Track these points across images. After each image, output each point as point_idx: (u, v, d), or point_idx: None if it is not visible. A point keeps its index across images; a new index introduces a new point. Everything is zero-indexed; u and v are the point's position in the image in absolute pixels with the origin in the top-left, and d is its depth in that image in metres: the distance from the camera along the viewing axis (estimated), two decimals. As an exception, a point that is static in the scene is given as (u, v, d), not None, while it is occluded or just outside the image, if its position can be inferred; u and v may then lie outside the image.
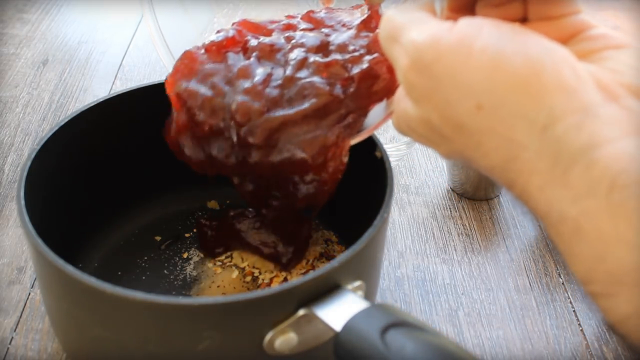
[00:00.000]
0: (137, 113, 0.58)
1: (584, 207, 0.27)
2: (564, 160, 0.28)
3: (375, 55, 0.43)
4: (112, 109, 0.56)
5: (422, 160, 0.77)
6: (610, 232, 0.26)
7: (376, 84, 0.43)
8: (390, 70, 0.42)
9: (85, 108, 0.54)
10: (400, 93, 0.35)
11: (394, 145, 0.68)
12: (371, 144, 0.52)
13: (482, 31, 0.30)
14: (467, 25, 0.30)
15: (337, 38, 0.46)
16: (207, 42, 0.47)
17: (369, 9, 0.46)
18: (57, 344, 0.53)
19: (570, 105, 0.28)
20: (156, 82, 0.58)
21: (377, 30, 0.45)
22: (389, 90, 0.43)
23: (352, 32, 0.46)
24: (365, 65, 0.42)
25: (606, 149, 0.27)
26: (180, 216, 0.64)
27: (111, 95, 0.56)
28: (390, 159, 0.51)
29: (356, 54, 0.43)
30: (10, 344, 0.53)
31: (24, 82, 0.86)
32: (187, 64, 0.47)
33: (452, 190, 0.72)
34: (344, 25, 0.47)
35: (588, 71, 0.29)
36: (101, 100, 0.55)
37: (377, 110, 0.45)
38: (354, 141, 0.46)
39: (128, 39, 0.97)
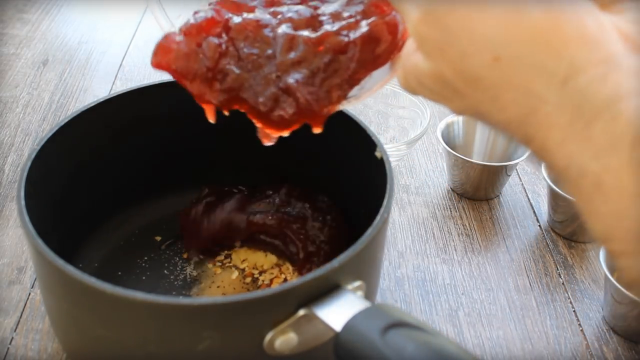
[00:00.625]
0: (137, 113, 0.58)
1: (605, 162, 0.26)
2: (586, 113, 0.27)
3: (374, 18, 0.42)
4: (112, 109, 0.56)
5: (422, 160, 0.77)
6: (632, 188, 0.26)
7: (378, 47, 0.42)
8: (392, 31, 0.41)
9: (85, 108, 0.54)
10: (409, 47, 0.34)
11: (394, 145, 0.68)
12: (371, 144, 0.52)
13: None
14: None
15: (328, 7, 0.44)
16: (184, 25, 0.45)
17: None
18: (57, 344, 0.53)
19: (593, 56, 0.27)
20: (156, 82, 0.58)
21: None
22: (391, 52, 0.42)
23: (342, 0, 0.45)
24: (365, 29, 0.41)
25: (630, 102, 0.26)
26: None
27: (111, 95, 0.56)
28: (390, 159, 0.51)
29: (352, 20, 0.42)
30: (10, 344, 0.53)
31: (24, 82, 0.86)
32: (160, 58, 0.46)
33: (452, 190, 0.72)
34: None
35: (611, 22, 0.28)
36: (101, 100, 0.55)
37: (379, 71, 0.44)
38: (353, 103, 0.44)
39: (128, 39, 0.97)
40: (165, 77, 0.58)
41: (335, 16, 0.43)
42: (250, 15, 0.44)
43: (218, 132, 0.62)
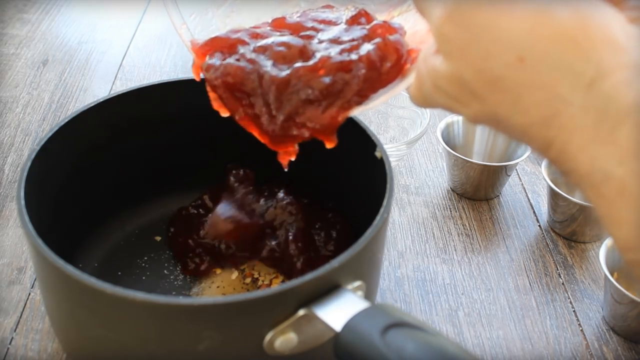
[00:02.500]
0: (137, 113, 0.58)
1: (630, 167, 0.26)
2: (612, 117, 0.26)
3: (377, 40, 0.42)
4: (112, 109, 0.56)
5: (422, 160, 0.77)
6: None
7: (384, 65, 0.42)
8: (396, 50, 0.41)
9: (85, 108, 0.54)
10: (426, 51, 0.33)
11: (394, 145, 0.68)
12: (371, 144, 0.52)
13: None
14: None
15: (325, 34, 0.44)
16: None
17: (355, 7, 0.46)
18: (57, 344, 0.53)
19: (619, 60, 0.26)
20: (156, 82, 0.58)
21: (375, 21, 0.45)
22: (398, 71, 0.42)
23: (342, 26, 0.44)
24: (368, 48, 0.42)
25: None
26: (180, 216, 0.63)
27: (111, 95, 0.56)
28: (390, 159, 0.51)
29: (354, 42, 0.43)
30: (10, 344, 0.53)
31: (24, 82, 0.86)
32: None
33: (452, 190, 0.72)
34: (329, 22, 0.46)
35: (637, 33, 0.28)
36: (101, 100, 0.55)
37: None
38: (360, 109, 0.44)
39: (128, 39, 0.97)
40: (165, 76, 0.58)
41: (335, 41, 0.43)
42: (231, 60, 0.44)
43: (218, 132, 0.62)
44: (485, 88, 0.30)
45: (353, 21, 0.45)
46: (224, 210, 0.57)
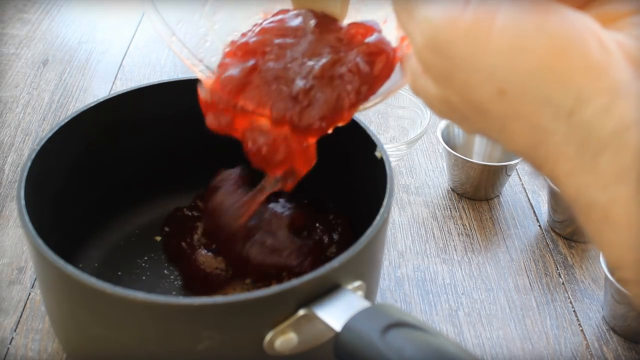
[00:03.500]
0: (137, 113, 0.58)
1: (613, 194, 0.26)
2: (593, 145, 0.26)
3: (361, 46, 0.41)
4: (112, 109, 0.56)
5: (422, 160, 0.77)
6: None
7: (375, 68, 0.41)
8: (381, 50, 0.41)
9: (85, 108, 0.54)
10: (417, 69, 0.33)
11: (394, 145, 0.68)
12: (371, 144, 0.52)
13: (500, 9, 0.28)
14: (484, 0, 0.28)
15: (298, 49, 0.42)
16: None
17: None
18: (57, 344, 0.53)
19: (598, 85, 0.26)
20: (156, 82, 0.58)
21: (345, 23, 0.43)
22: (391, 65, 0.41)
23: (311, 37, 0.43)
24: (353, 62, 0.41)
25: (637, 132, 0.25)
26: (180, 216, 0.63)
27: (111, 95, 0.56)
28: (390, 159, 0.51)
29: (335, 56, 0.41)
30: (10, 344, 0.53)
31: (24, 82, 0.86)
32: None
33: (452, 190, 0.72)
34: (295, 32, 0.43)
35: (616, 41, 0.27)
36: (101, 100, 0.55)
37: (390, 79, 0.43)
38: (364, 107, 0.43)
39: (128, 39, 0.97)
40: (165, 76, 0.58)
41: (312, 54, 0.42)
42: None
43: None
44: (473, 114, 0.30)
45: (321, 27, 0.43)
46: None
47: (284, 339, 0.41)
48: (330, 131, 0.43)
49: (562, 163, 0.28)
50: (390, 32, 0.42)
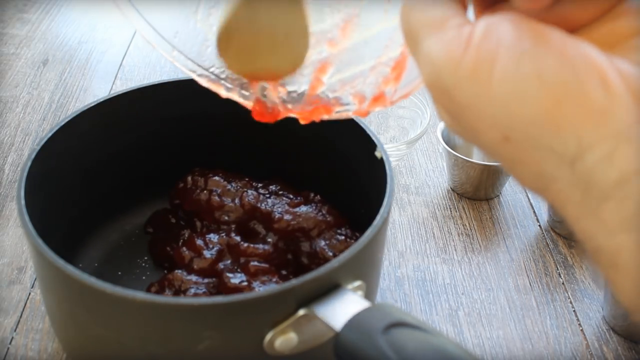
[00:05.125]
0: (137, 113, 0.58)
1: (619, 242, 0.26)
2: (597, 193, 0.26)
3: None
4: (112, 109, 0.56)
5: (422, 160, 0.77)
6: None
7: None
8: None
9: (85, 108, 0.54)
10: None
11: (394, 145, 0.68)
12: (371, 144, 0.52)
13: (500, 52, 0.27)
14: (485, 38, 0.27)
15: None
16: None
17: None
18: (57, 344, 0.53)
19: (599, 132, 0.25)
20: (156, 82, 0.58)
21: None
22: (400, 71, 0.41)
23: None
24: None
25: (638, 182, 0.25)
26: (180, 216, 0.63)
27: (111, 95, 0.56)
28: (390, 159, 0.51)
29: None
30: (10, 344, 0.53)
31: (24, 82, 0.86)
32: None
33: (452, 190, 0.72)
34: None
35: (620, 74, 0.26)
36: (101, 100, 0.55)
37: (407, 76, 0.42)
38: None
39: (128, 39, 0.97)
40: (165, 76, 0.58)
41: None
42: None
43: (218, 131, 0.62)
44: (485, 150, 0.30)
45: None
46: None
47: (284, 339, 0.41)
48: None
49: (568, 208, 0.28)
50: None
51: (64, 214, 0.54)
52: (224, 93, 0.43)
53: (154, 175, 0.61)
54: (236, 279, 0.51)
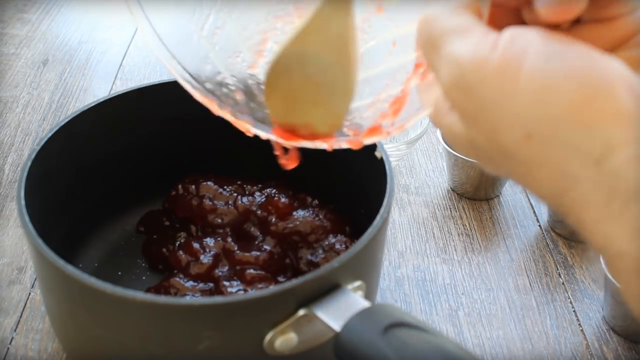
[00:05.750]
0: (137, 113, 0.58)
1: None
2: (621, 194, 0.26)
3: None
4: (112, 109, 0.56)
5: (422, 160, 0.77)
6: None
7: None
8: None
9: (85, 108, 0.54)
10: (442, 106, 0.32)
11: (394, 145, 0.68)
12: (371, 144, 0.52)
13: (528, 53, 0.27)
14: (512, 43, 0.27)
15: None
16: None
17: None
18: (57, 344, 0.53)
19: (627, 134, 0.25)
20: (156, 82, 0.58)
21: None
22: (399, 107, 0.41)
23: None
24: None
25: None
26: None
27: (111, 95, 0.56)
28: (390, 159, 0.51)
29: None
30: (10, 344, 0.53)
31: (24, 82, 0.86)
32: None
33: (452, 190, 0.72)
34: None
35: None
36: (101, 100, 0.55)
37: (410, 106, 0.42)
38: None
39: (128, 39, 0.97)
40: (165, 77, 0.58)
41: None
42: None
43: (218, 132, 0.62)
44: (499, 157, 0.30)
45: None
46: None
47: (284, 339, 0.41)
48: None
49: (589, 211, 0.27)
50: (405, 54, 0.41)
51: (64, 214, 0.54)
52: (215, 110, 0.43)
53: (154, 175, 0.61)
54: (233, 287, 0.51)
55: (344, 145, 0.42)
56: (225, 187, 0.59)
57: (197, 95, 0.43)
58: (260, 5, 0.44)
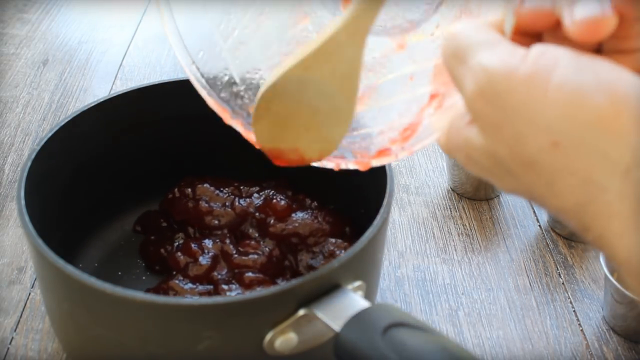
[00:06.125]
0: (137, 113, 0.58)
1: None
2: None
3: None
4: (112, 109, 0.56)
5: (422, 160, 0.77)
6: None
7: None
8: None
9: (85, 108, 0.54)
10: (459, 122, 0.32)
11: (394, 145, 0.68)
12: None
13: (559, 64, 0.27)
14: (543, 55, 0.28)
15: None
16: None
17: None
18: (57, 344, 0.53)
19: None
20: (156, 83, 0.58)
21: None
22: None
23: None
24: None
25: None
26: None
27: (111, 95, 0.56)
28: (391, 159, 0.51)
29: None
30: (10, 344, 0.53)
31: (24, 82, 0.86)
32: None
33: (452, 190, 0.72)
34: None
35: None
36: (101, 100, 0.55)
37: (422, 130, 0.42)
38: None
39: (128, 39, 0.97)
40: (165, 77, 0.58)
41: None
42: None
43: (219, 132, 0.62)
44: (520, 168, 0.29)
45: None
46: None
47: (284, 339, 0.41)
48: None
49: (614, 223, 0.27)
50: (421, 87, 0.41)
51: (64, 214, 0.54)
52: (227, 119, 0.43)
53: (155, 174, 0.61)
54: (232, 291, 0.51)
55: (352, 166, 0.42)
56: (222, 189, 0.59)
57: (211, 102, 0.43)
58: (285, 29, 0.44)
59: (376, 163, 0.42)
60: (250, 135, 0.43)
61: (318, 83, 0.36)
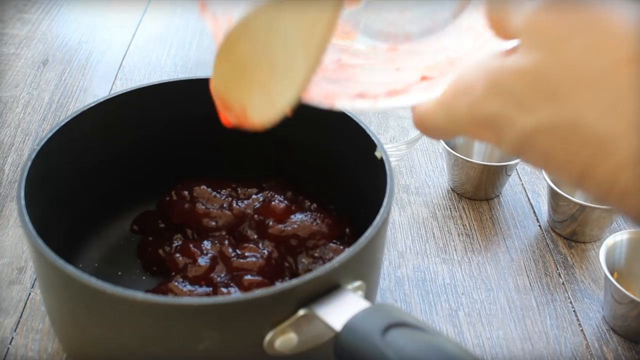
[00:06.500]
0: (137, 113, 0.58)
1: None
2: None
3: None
4: (112, 109, 0.56)
5: (422, 160, 0.77)
6: None
7: None
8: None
9: (85, 108, 0.54)
10: (486, 60, 0.29)
11: (394, 145, 0.68)
12: (371, 144, 0.52)
13: None
14: None
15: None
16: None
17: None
18: (57, 344, 0.53)
19: None
20: (156, 83, 0.58)
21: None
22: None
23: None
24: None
25: None
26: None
27: (111, 95, 0.56)
28: (390, 159, 0.51)
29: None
30: (10, 344, 0.53)
31: (24, 82, 0.86)
32: None
33: (452, 190, 0.72)
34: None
35: None
36: (101, 100, 0.55)
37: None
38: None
39: (128, 39, 0.97)
40: (165, 77, 0.58)
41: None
42: None
43: (219, 132, 0.62)
44: (575, 86, 0.26)
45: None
46: None
47: (284, 339, 0.40)
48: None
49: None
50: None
51: (64, 214, 0.54)
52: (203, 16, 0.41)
53: (155, 174, 0.61)
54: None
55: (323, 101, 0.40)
56: (219, 191, 0.59)
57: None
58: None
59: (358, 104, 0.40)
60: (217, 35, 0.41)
61: (286, 31, 0.35)
